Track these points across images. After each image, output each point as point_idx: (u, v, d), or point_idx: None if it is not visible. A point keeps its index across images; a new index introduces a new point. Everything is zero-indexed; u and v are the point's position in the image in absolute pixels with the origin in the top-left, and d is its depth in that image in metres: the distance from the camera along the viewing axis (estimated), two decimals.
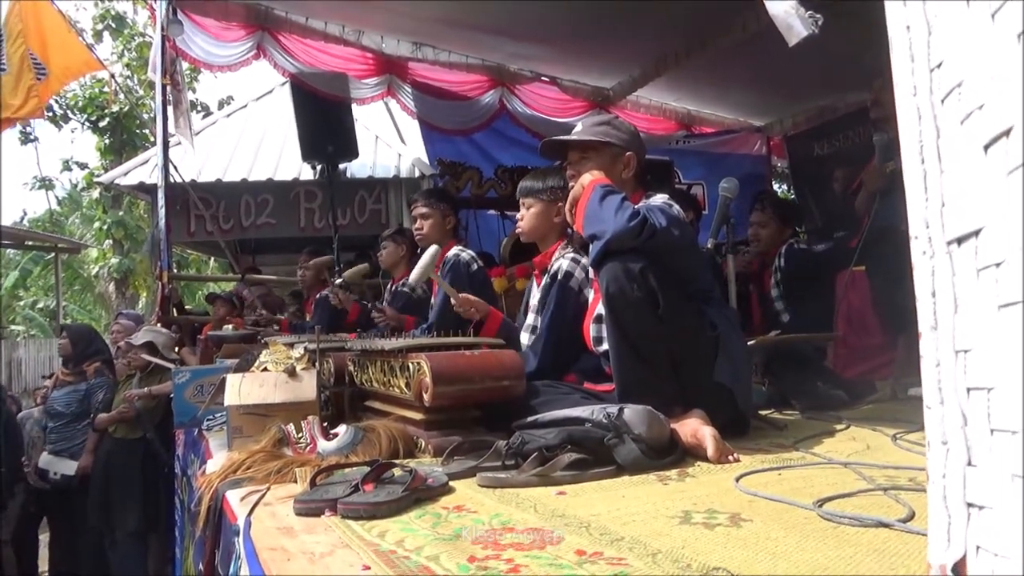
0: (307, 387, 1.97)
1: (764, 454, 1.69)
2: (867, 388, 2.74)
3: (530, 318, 2.44)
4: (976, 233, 0.49)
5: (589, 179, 1.95)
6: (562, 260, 2.32)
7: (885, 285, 2.90)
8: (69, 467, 4.55)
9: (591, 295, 2.23)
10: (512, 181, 5.36)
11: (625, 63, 5.07)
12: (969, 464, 0.51)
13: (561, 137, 2.18)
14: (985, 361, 0.49)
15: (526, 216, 2.46)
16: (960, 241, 0.52)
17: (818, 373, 2.76)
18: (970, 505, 0.50)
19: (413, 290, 3.60)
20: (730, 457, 1.63)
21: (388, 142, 7.16)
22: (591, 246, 1.90)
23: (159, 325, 4.65)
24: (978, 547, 0.49)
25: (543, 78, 5.45)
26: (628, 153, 2.08)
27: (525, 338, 2.43)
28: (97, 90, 13.34)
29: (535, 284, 2.49)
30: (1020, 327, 0.44)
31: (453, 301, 2.45)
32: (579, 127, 2.15)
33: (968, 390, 0.51)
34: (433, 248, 2.52)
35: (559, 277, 2.28)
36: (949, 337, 0.53)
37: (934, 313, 0.55)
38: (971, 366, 0.51)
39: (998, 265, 0.47)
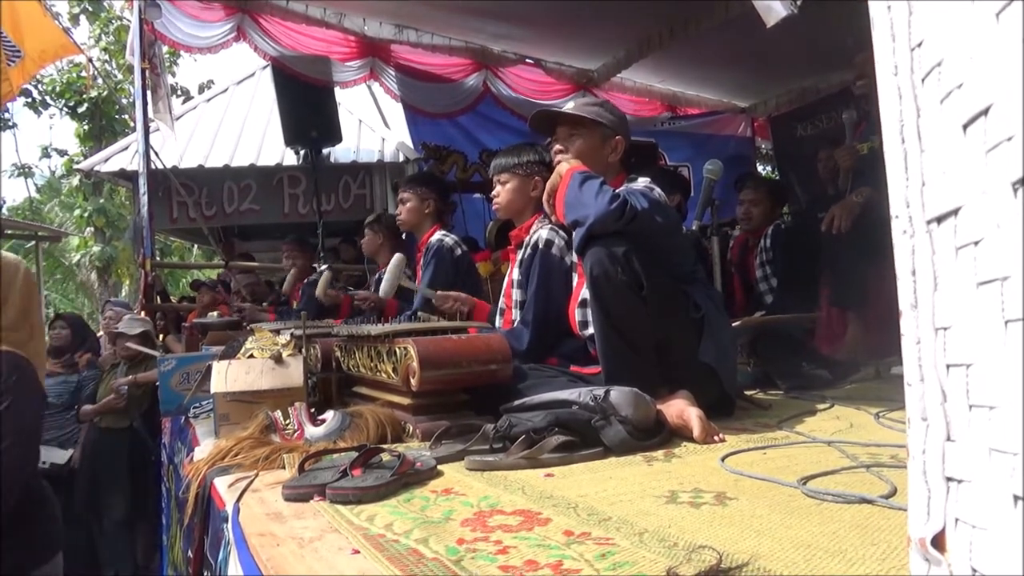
0: (294, 373, 1.96)
1: (749, 434, 1.71)
2: (851, 367, 2.77)
3: (516, 294, 2.43)
4: (955, 212, 0.50)
5: (566, 167, 1.95)
6: (541, 230, 2.31)
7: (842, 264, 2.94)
8: (59, 456, 4.53)
9: (571, 262, 2.22)
10: None
11: (609, 44, 5.04)
12: (948, 439, 0.51)
13: (555, 108, 2.17)
14: (964, 338, 0.50)
15: (502, 192, 2.46)
16: (940, 220, 0.52)
17: (803, 353, 2.79)
18: (949, 479, 0.51)
19: None
20: (715, 437, 1.64)
21: (372, 126, 7.09)
22: (574, 233, 1.90)
23: (143, 314, 4.62)
24: (957, 520, 0.50)
25: (527, 60, 5.41)
26: (618, 137, 2.08)
27: (515, 315, 2.43)
28: (75, 75, 13.14)
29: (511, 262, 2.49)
30: (998, 304, 0.45)
31: (433, 301, 2.44)
32: (571, 104, 2.15)
33: (948, 367, 0.52)
34: (397, 257, 2.47)
35: (540, 246, 2.27)
36: (929, 315, 0.53)
37: (914, 292, 0.56)
38: (950, 343, 0.51)
39: (976, 243, 0.47)
